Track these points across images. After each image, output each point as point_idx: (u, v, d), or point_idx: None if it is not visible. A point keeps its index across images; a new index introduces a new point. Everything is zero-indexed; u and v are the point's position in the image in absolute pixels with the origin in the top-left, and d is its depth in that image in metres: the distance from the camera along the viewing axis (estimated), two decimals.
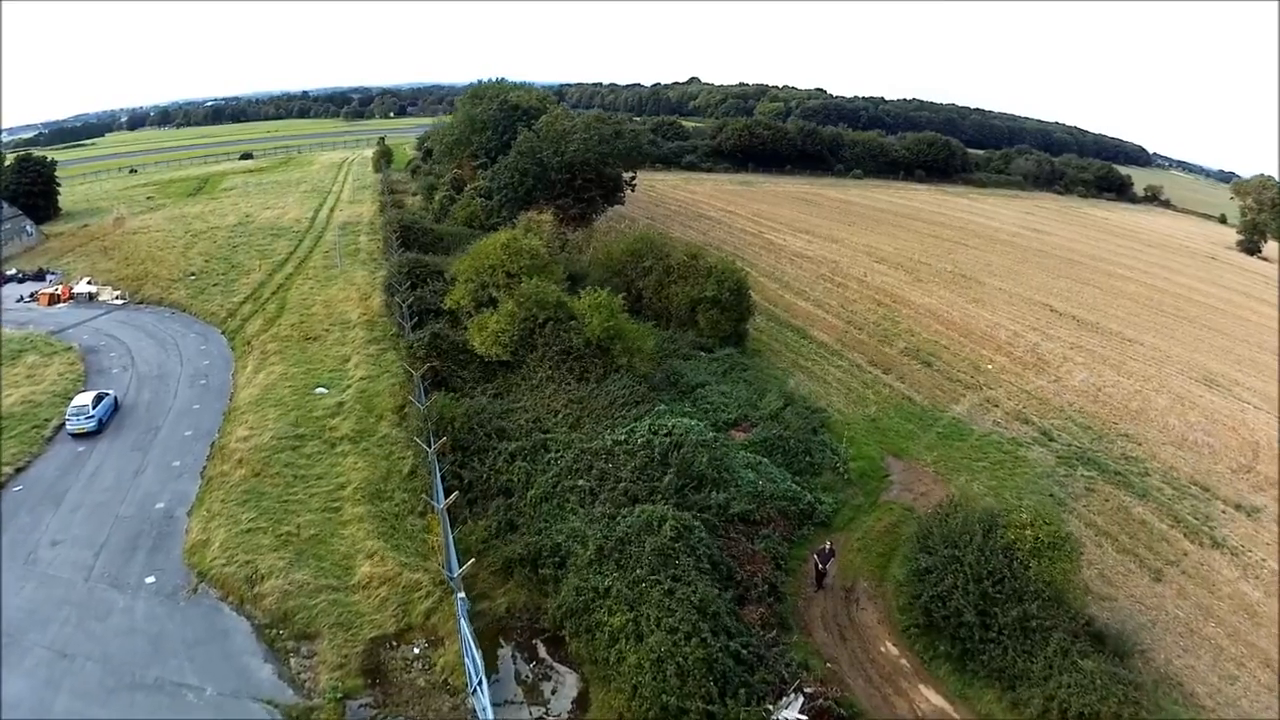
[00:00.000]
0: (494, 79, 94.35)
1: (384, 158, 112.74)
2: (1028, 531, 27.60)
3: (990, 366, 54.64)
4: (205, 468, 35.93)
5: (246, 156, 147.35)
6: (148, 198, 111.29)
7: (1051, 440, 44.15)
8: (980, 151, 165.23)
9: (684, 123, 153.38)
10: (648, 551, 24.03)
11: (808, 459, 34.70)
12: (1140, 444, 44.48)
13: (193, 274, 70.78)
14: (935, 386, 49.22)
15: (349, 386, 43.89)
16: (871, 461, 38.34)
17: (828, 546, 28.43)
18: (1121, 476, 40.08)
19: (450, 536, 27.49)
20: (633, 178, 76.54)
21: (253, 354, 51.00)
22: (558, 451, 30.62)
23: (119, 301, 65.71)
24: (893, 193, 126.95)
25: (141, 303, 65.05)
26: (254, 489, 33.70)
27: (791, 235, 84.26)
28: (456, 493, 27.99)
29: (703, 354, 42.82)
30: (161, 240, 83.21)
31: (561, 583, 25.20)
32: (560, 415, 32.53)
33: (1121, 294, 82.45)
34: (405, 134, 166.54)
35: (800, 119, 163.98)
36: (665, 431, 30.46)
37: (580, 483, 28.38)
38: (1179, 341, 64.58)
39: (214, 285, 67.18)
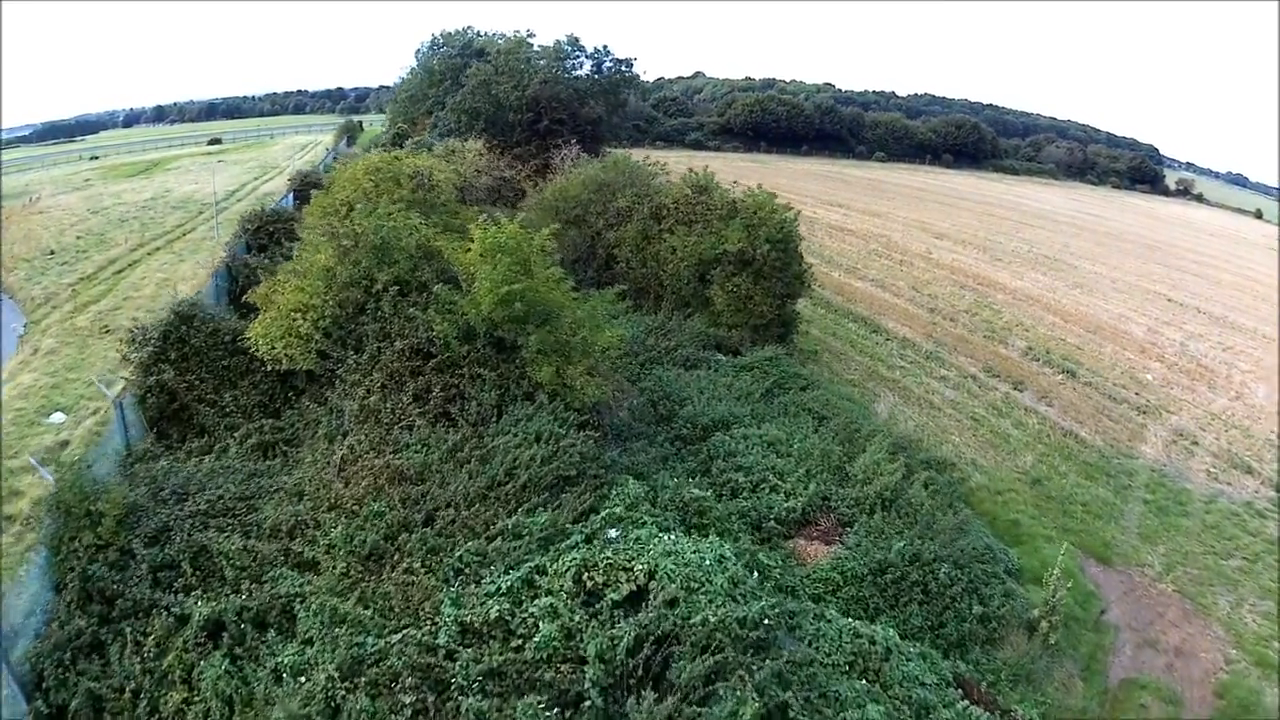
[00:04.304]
0: (460, 29, 73.37)
1: (347, 132, 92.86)
2: None
3: (1150, 377, 34.31)
4: None
5: (215, 141, 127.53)
6: (85, 180, 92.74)
7: None
8: (1008, 140, 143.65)
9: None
10: None
11: (975, 605, 13.76)
12: None
13: (51, 252, 51.53)
14: (1099, 411, 28.47)
15: (98, 411, 23.50)
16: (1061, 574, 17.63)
17: None
18: None
19: None
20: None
21: (19, 354, 30.88)
22: (310, 643, 9.64)
23: None
24: (923, 175, 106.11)
25: None
26: None
27: (822, 208, 63.02)
28: None
29: (721, 357, 21.69)
30: (56, 219, 64.50)
31: None
32: (357, 521, 11.39)
33: (1222, 284, 64.40)
34: None
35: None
36: (630, 591, 9.39)
37: None
38: None
39: (62, 264, 47.46)
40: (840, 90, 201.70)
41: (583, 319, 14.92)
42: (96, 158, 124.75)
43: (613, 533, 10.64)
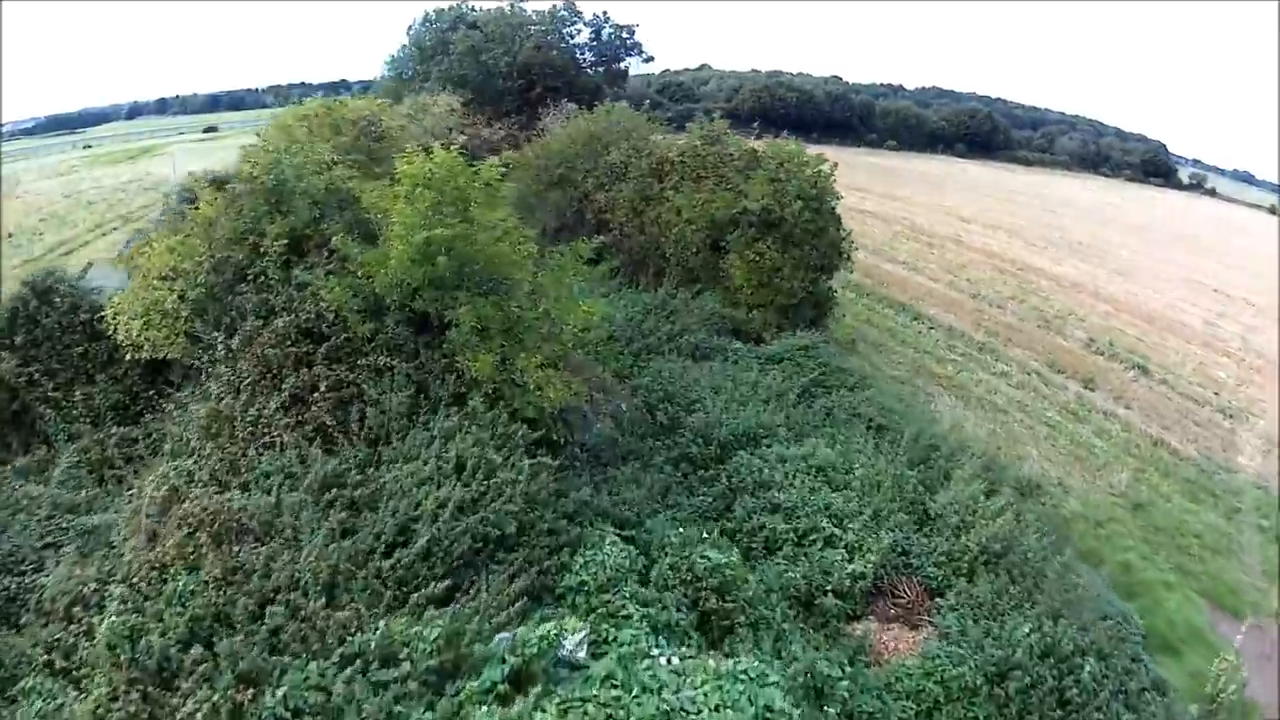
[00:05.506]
0: (453, 5, 68.19)
1: None
2: None
3: (1223, 375, 29.58)
4: None
5: (211, 129, 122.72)
6: (70, 166, 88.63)
7: None
8: (1019, 132, 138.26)
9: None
10: None
11: (1125, 714, 8.78)
12: None
13: (10, 235, 47.75)
14: (1183, 415, 23.68)
15: None
16: (1190, 637, 12.92)
17: None
18: None
19: None
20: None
21: None
22: None
23: None
24: (937, 164, 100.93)
25: None
26: None
27: (840, 191, 58.09)
28: None
29: (739, 345, 16.72)
30: (28, 204, 60.56)
31: None
32: (153, 605, 6.76)
33: (1262, 276, 59.76)
34: None
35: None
36: None
37: None
38: None
39: (16, 246, 43.57)
40: (848, 83, 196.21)
41: (545, 286, 10.07)
42: (90, 146, 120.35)
43: (569, 646, 5.84)
